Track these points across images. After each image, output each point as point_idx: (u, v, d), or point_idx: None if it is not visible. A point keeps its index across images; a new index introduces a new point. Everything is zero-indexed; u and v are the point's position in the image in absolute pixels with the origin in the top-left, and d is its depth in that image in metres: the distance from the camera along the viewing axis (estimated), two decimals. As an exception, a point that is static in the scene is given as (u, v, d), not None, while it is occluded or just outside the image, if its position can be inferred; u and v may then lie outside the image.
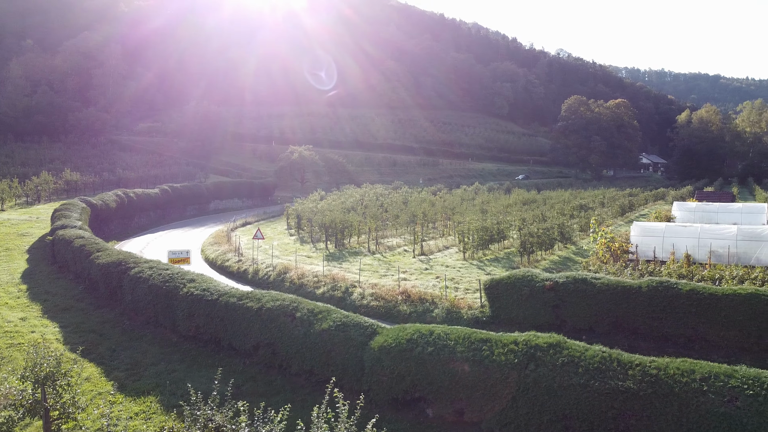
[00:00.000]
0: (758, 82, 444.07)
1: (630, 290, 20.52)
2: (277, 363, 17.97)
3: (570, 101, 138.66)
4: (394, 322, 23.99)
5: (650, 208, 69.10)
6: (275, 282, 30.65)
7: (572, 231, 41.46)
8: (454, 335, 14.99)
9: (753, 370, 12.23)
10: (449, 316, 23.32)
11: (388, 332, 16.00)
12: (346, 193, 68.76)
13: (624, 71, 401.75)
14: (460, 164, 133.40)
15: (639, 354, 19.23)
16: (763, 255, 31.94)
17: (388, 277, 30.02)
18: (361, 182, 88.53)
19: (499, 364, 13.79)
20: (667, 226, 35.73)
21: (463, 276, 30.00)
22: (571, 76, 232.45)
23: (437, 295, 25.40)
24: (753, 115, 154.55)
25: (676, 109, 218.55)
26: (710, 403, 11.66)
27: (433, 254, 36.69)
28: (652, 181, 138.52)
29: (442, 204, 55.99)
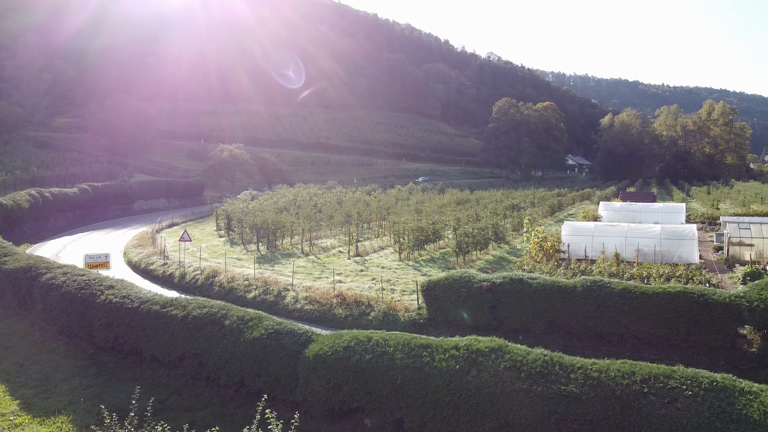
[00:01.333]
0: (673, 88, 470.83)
1: (565, 290, 20.58)
2: (205, 374, 16.81)
3: (500, 103, 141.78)
4: (329, 327, 23.25)
5: (578, 208, 71.27)
6: (203, 286, 29.22)
7: (506, 231, 41.90)
8: (393, 341, 14.36)
9: (690, 370, 12.23)
10: (386, 319, 22.76)
11: (324, 340, 15.19)
12: (278, 193, 67.19)
13: (551, 75, 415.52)
14: (394, 164, 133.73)
15: (575, 354, 19.52)
16: (685, 253, 33.16)
17: (323, 280, 29.16)
18: (294, 182, 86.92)
19: (440, 370, 13.26)
20: (596, 226, 36.59)
21: (400, 277, 29.53)
22: (501, 79, 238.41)
23: (373, 297, 24.79)
24: (669, 120, 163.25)
25: (599, 113, 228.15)
26: (651, 405, 11.54)
27: (369, 255, 36.08)
28: (578, 181, 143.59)
29: (377, 204, 55.52)
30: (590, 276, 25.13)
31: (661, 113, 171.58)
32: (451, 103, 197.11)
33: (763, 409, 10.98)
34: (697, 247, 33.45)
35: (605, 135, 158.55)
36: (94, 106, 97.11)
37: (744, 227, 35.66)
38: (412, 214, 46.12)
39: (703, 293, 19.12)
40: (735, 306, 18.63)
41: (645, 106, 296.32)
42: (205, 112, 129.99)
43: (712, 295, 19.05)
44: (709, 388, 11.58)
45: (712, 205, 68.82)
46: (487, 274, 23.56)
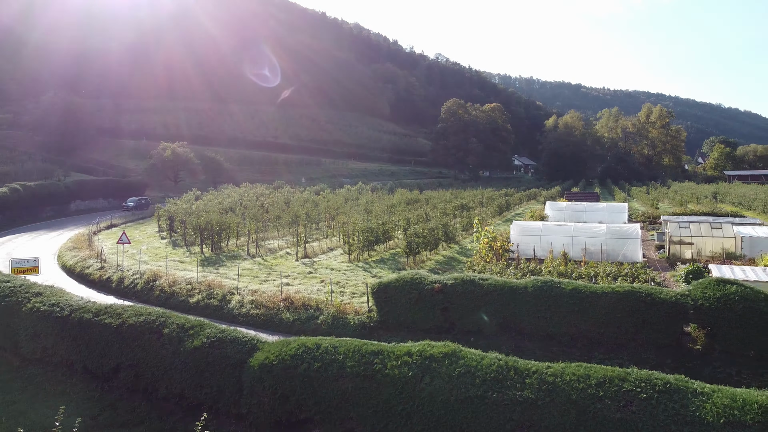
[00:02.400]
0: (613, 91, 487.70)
1: (516, 290, 20.43)
2: (142, 387, 15.75)
3: (449, 104, 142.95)
4: (276, 331, 22.45)
5: (525, 208, 72.34)
6: (143, 291, 27.84)
7: (455, 231, 41.85)
8: (343, 348, 13.75)
9: (644, 371, 12.12)
10: (335, 323, 22.11)
11: (270, 347, 14.42)
12: (224, 193, 65.42)
13: (497, 77, 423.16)
14: (343, 164, 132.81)
15: (527, 355, 19.38)
16: (629, 251, 33.83)
17: (270, 283, 28.23)
18: (240, 181, 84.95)
19: (392, 378, 12.73)
20: (544, 225, 36.92)
21: (349, 279, 28.90)
22: (449, 80, 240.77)
23: (322, 300, 24.08)
24: (610, 122, 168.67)
25: (543, 115, 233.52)
26: (607, 409, 11.34)
27: (318, 256, 35.29)
28: (524, 181, 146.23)
29: (326, 204, 54.69)
30: (540, 276, 25.17)
31: (603, 115, 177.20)
32: (401, 103, 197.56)
33: (716, 411, 10.93)
34: (640, 246, 34.19)
35: (550, 136, 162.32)
36: (29, 102, 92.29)
37: (684, 226, 36.73)
38: (361, 215, 45.56)
39: (650, 292, 19.29)
40: (681, 304, 18.85)
41: (587, 109, 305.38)
42: (149, 110, 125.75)
43: (658, 294, 19.24)
44: (663, 390, 11.49)
45: (652, 205, 71.12)
46: (438, 275, 23.22)
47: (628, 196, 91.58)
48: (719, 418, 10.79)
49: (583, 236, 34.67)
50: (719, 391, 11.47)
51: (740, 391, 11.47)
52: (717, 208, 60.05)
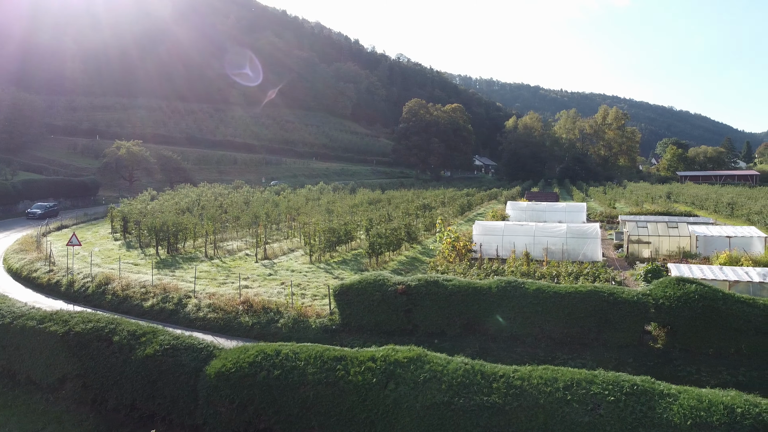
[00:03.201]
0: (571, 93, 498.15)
1: (481, 291, 20.23)
2: (90, 398, 14.88)
3: (410, 104, 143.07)
4: (234, 336, 21.73)
5: (486, 207, 72.78)
6: (94, 295, 26.67)
7: (418, 231, 41.63)
8: (305, 354, 13.21)
9: (611, 373, 11.99)
10: (296, 326, 21.51)
11: (227, 355, 13.78)
12: (181, 193, 63.77)
13: (458, 78, 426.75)
14: (304, 163, 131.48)
15: (491, 356, 19.18)
16: (589, 251, 34.16)
17: (228, 285, 27.40)
18: (198, 181, 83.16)
19: (355, 385, 12.27)
20: (506, 225, 36.98)
21: (311, 281, 28.28)
22: (410, 80, 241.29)
23: (283, 303, 23.43)
24: (568, 123, 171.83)
25: (503, 116, 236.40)
26: (575, 412, 11.14)
27: (278, 258, 34.52)
28: (485, 181, 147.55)
29: (287, 204, 53.81)
30: (503, 276, 25.09)
31: (561, 117, 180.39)
32: (362, 103, 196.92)
33: (683, 412, 10.83)
34: (600, 245, 34.56)
35: (509, 137, 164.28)
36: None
37: (642, 225, 37.31)
38: (323, 215, 44.94)
39: (613, 292, 19.34)
40: (642, 304, 18.94)
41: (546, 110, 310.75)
42: (103, 107, 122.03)
43: (620, 293, 19.30)
44: (630, 392, 11.35)
45: (609, 205, 72.46)
46: (401, 276, 22.87)
47: (586, 196, 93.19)
48: (686, 419, 10.70)
49: (544, 236, 34.86)
50: (685, 392, 11.39)
51: (705, 392, 11.42)
52: (671, 207, 61.52)
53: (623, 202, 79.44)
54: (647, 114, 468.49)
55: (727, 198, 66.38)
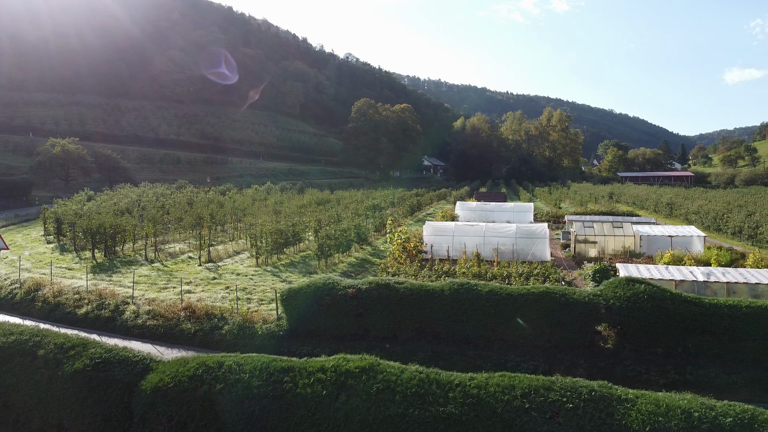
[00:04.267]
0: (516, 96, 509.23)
1: (433, 294, 19.79)
2: (12, 419, 13.57)
3: (359, 104, 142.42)
4: (176, 344, 20.62)
5: (436, 207, 72.90)
6: (23, 302, 24.92)
7: (368, 232, 41.04)
8: (249, 366, 12.37)
9: (568, 379, 11.66)
10: (242, 333, 20.55)
11: (165, 368, 12.78)
12: (120, 193, 61.15)
13: (406, 79, 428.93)
14: (251, 163, 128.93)
15: (444, 360, 18.77)
16: (538, 251, 34.38)
17: (170, 290, 26.08)
18: (139, 181, 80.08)
19: (304, 398, 11.54)
20: (456, 226, 36.84)
21: (257, 284, 27.26)
22: (359, 80, 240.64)
23: (227, 308, 22.40)
24: (514, 125, 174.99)
25: (452, 117, 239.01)
26: (533, 421, 10.75)
27: (223, 261, 33.26)
28: (434, 182, 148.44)
29: (232, 205, 52.27)
30: (455, 278, 24.81)
31: (507, 118, 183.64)
32: (310, 102, 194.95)
33: (641, 418, 10.60)
34: (548, 245, 34.84)
35: (458, 137, 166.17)
36: None
37: (588, 225, 37.85)
38: (270, 216, 43.81)
39: (564, 293, 19.24)
40: (593, 304, 18.91)
41: (492, 112, 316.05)
42: (39, 103, 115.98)
43: (572, 294, 19.22)
44: (588, 398, 11.05)
45: (555, 205, 73.80)
46: (352, 279, 22.21)
47: (532, 196, 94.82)
48: (644, 425, 10.46)
49: (494, 236, 34.87)
50: (642, 397, 11.17)
51: (662, 396, 11.23)
52: (614, 207, 63.09)
53: (568, 202, 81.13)
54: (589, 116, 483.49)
55: (666, 198, 68.66)
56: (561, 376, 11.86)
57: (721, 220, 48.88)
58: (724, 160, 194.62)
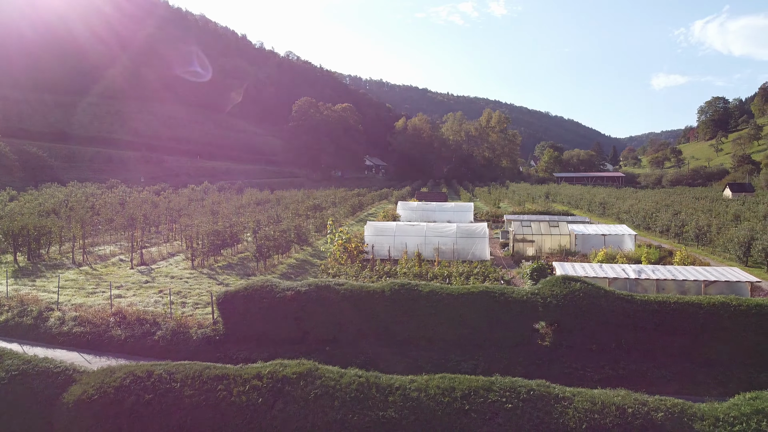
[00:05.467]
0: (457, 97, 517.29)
1: (374, 295, 19.57)
2: None
3: (300, 102, 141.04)
4: (105, 352, 19.62)
5: (378, 207, 72.88)
6: (-67, 311, 23.07)
7: (308, 232, 40.50)
8: (181, 374, 11.81)
9: (507, 379, 11.69)
10: (175, 339, 19.73)
11: (90, 379, 12.04)
12: (46, 193, 58.12)
13: (348, 78, 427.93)
14: (188, 162, 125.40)
15: (384, 362, 18.60)
16: (478, 250, 34.77)
17: (99, 295, 24.82)
18: (67, 180, 76.44)
19: (239, 406, 11.09)
20: (397, 226, 36.82)
21: (192, 288, 26.33)
22: (300, 79, 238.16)
23: (160, 313, 21.50)
24: (455, 125, 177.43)
25: (393, 117, 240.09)
26: (473, 423, 10.70)
27: (157, 263, 32.01)
28: (376, 181, 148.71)
29: (167, 205, 50.55)
30: (396, 278, 24.73)
31: (448, 119, 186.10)
32: (250, 100, 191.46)
33: (578, 416, 10.72)
34: (488, 244, 35.30)
35: (399, 138, 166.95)
36: None
37: (526, 225, 38.60)
38: (207, 216, 42.57)
39: (503, 292, 19.41)
40: (531, 303, 19.16)
41: (434, 113, 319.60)
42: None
43: (511, 293, 19.42)
44: (527, 398, 11.10)
45: (494, 204, 75.13)
46: (291, 281, 21.73)
47: (472, 196, 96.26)
48: (581, 423, 10.59)
49: (435, 236, 35.04)
50: (579, 395, 11.31)
51: (597, 393, 11.41)
52: (550, 207, 64.76)
53: (507, 202, 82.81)
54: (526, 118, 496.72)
55: (599, 198, 71.08)
56: (500, 376, 11.89)
57: (650, 219, 50.93)
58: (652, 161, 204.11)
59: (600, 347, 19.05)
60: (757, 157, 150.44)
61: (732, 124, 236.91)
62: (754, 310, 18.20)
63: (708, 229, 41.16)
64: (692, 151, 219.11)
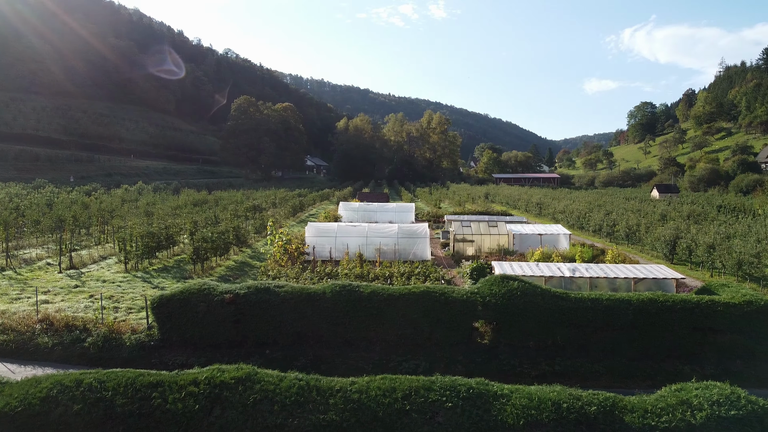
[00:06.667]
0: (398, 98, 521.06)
1: (315, 297, 19.40)
2: None
3: (240, 101, 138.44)
4: (30, 360, 18.64)
5: (319, 208, 72.42)
6: None
7: (248, 233, 39.80)
8: (113, 382, 11.32)
9: (448, 378, 11.81)
10: (107, 345, 18.95)
11: (12, 390, 11.36)
12: (-35, 193, 54.78)
13: (289, 78, 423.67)
14: (121, 161, 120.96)
15: (325, 364, 18.48)
16: (419, 250, 35.07)
17: (23, 301, 23.55)
18: (-11, 180, 72.35)
19: (174, 414, 10.74)
20: (338, 226, 36.68)
21: (126, 292, 25.36)
22: (240, 77, 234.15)
23: (91, 318, 20.60)
24: (396, 126, 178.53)
25: (335, 117, 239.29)
26: (414, 423, 10.74)
27: (87, 267, 30.67)
28: (317, 182, 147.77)
29: (99, 206, 48.56)
30: (337, 279, 24.61)
31: (390, 120, 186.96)
32: (187, 98, 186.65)
33: (516, 412, 10.93)
34: (429, 244, 35.64)
35: (341, 138, 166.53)
36: None
37: (466, 225, 39.24)
38: (141, 218, 41.16)
39: (444, 292, 19.62)
40: (471, 302, 19.46)
41: (375, 113, 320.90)
42: None
43: (451, 293, 19.65)
44: (466, 396, 11.24)
45: (435, 205, 76.04)
46: (230, 283, 21.25)
47: (414, 197, 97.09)
48: (519, 419, 10.80)
49: (376, 236, 35.10)
50: (517, 392, 11.54)
51: (534, 389, 11.66)
52: (489, 207, 66.12)
53: (447, 203, 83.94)
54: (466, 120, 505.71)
55: (536, 199, 73.09)
56: (441, 376, 12.00)
57: (583, 218, 52.76)
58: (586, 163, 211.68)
59: (537, 344, 19.55)
60: (681, 159, 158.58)
61: (659, 128, 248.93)
62: (679, 306, 19.13)
63: (637, 228, 42.99)
64: (623, 154, 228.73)
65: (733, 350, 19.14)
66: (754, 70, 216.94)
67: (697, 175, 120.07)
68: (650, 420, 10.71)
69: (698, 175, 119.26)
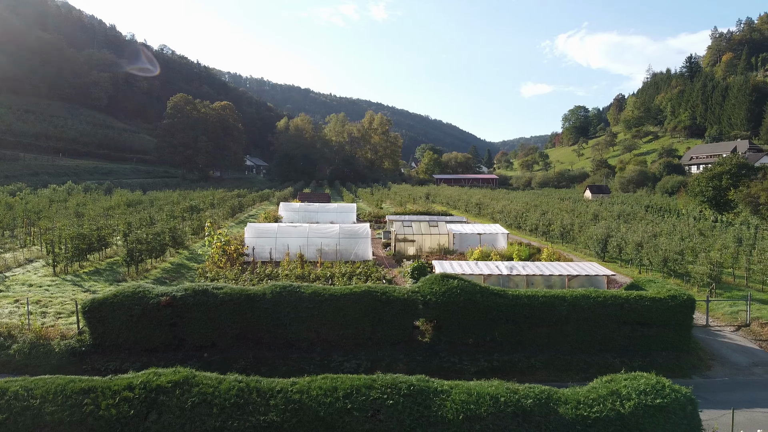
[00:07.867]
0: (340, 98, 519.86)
1: (254, 298, 19.16)
2: None
3: (176, 99, 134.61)
4: (-52, 371, 17.53)
5: (259, 209, 71.37)
6: None
7: (185, 235, 38.83)
8: (41, 390, 10.82)
9: (389, 376, 11.90)
10: (35, 353, 18.13)
11: (-72, 401, 10.69)
12: None
13: (227, 76, 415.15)
14: (49, 160, 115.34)
15: (266, 365, 18.27)
16: (360, 250, 35.16)
17: (-60, 308, 22.18)
18: None
19: (108, 420, 10.37)
20: (279, 227, 36.31)
21: (55, 296, 24.26)
22: (176, 74, 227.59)
23: (16, 324, 19.62)
24: (338, 126, 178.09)
25: (275, 116, 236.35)
26: (355, 421, 10.78)
27: (12, 270, 29.14)
28: (257, 182, 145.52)
29: (24, 207, 46.22)
30: (278, 280, 24.36)
31: (331, 120, 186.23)
32: (120, 95, 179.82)
33: (455, 408, 11.14)
34: (370, 244, 35.80)
35: (281, 138, 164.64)
36: None
37: (407, 225, 39.61)
38: (71, 219, 39.49)
39: (385, 291, 19.76)
40: (412, 301, 19.69)
41: (316, 113, 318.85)
42: None
43: (392, 292, 19.82)
44: (407, 393, 11.36)
45: (377, 205, 76.31)
46: (166, 286, 20.70)
47: (355, 197, 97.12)
48: (458, 414, 11.01)
49: (318, 237, 34.95)
50: (456, 387, 11.75)
51: (473, 385, 11.90)
52: (430, 207, 66.94)
53: (389, 203, 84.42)
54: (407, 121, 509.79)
55: (475, 199, 74.54)
56: (382, 374, 12.09)
57: (521, 218, 54.21)
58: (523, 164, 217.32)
59: (476, 341, 19.97)
60: (612, 161, 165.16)
61: (591, 131, 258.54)
62: (609, 301, 19.98)
63: (571, 227, 44.56)
64: (558, 156, 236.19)
65: (659, 342, 20.16)
66: (678, 77, 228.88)
67: (626, 176, 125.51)
68: (583, 410, 11.14)
69: (628, 176, 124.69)
